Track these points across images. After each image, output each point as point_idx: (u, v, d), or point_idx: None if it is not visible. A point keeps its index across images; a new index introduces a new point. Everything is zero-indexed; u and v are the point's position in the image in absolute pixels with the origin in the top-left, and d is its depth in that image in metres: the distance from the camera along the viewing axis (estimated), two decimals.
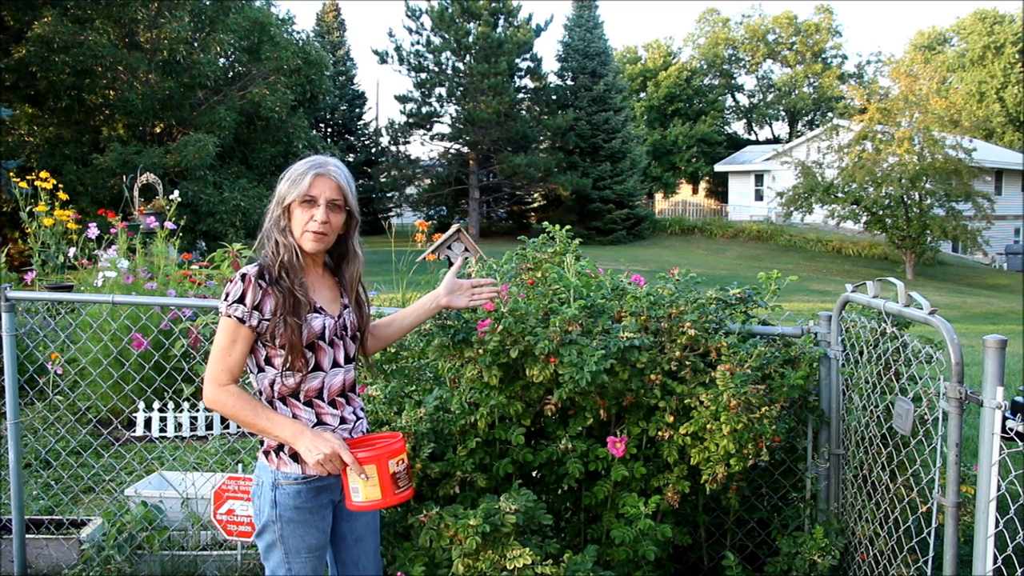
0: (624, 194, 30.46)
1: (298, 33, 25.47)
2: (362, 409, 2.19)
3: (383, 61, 29.71)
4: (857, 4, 76.02)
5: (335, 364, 2.09)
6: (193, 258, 6.72)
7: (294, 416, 2.03)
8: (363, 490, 1.98)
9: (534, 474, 2.71)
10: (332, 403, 2.08)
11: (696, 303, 2.58)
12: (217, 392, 1.96)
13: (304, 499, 2.03)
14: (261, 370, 2.04)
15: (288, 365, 2.00)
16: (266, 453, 2.06)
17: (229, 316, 1.97)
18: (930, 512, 2.24)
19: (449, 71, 29.50)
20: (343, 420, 2.09)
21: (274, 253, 2.03)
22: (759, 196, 34.24)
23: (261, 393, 2.05)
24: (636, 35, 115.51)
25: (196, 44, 20.00)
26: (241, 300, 1.98)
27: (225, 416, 2.04)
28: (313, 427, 2.03)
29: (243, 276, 1.99)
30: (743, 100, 48.85)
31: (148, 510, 3.45)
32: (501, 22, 29.26)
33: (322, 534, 2.09)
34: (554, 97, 31.16)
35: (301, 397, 2.04)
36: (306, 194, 2.03)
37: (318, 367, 2.05)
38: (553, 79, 31.68)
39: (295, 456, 2.01)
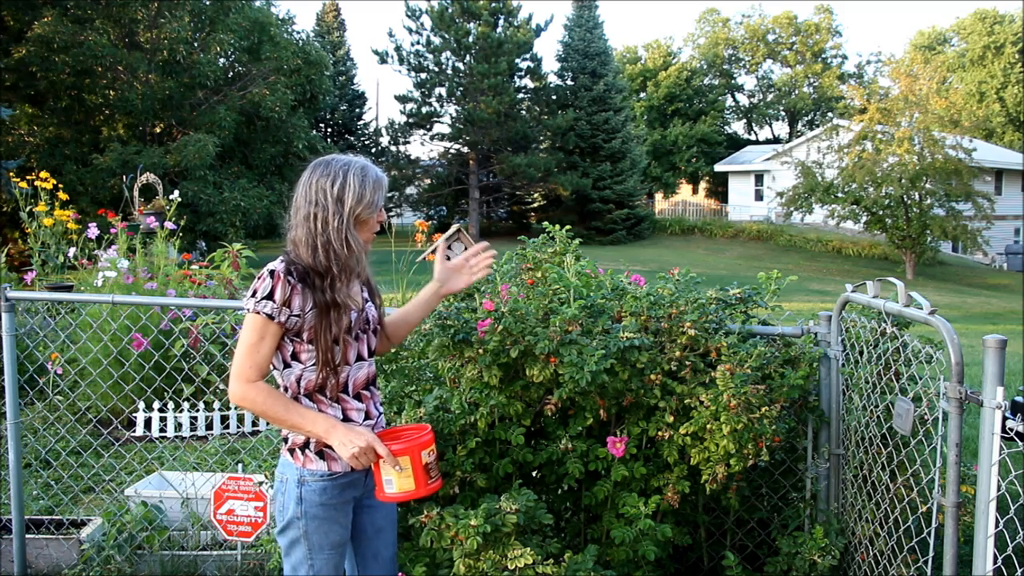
0: (624, 194, 30.46)
1: (298, 33, 25.50)
2: (380, 403, 2.21)
3: (383, 61, 29.70)
4: (857, 4, 76.04)
5: (359, 358, 2.10)
6: (193, 258, 6.73)
7: (320, 412, 2.04)
8: (397, 481, 2.00)
9: (534, 474, 2.71)
10: (357, 396, 2.10)
11: (696, 303, 2.58)
12: (246, 389, 1.95)
13: (330, 496, 2.05)
14: (287, 366, 2.04)
15: (319, 361, 1.99)
16: (291, 451, 2.06)
17: (258, 312, 1.95)
18: (930, 512, 2.24)
19: (449, 71, 29.49)
20: (367, 415, 2.11)
21: (337, 255, 1.99)
22: (759, 196, 34.23)
23: (287, 389, 2.05)
24: (636, 35, 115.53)
25: (196, 44, 20.01)
26: (270, 296, 1.96)
27: (254, 413, 2.04)
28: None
29: (272, 273, 1.97)
30: (743, 100, 48.88)
31: (148, 510, 3.45)
32: (501, 22, 29.26)
33: (344, 530, 2.11)
34: (554, 97, 31.15)
35: (327, 392, 2.04)
36: (382, 203, 2.05)
37: (344, 361, 2.07)
38: (553, 79, 31.67)
39: (321, 453, 2.03)
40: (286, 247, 2.07)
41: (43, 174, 6.77)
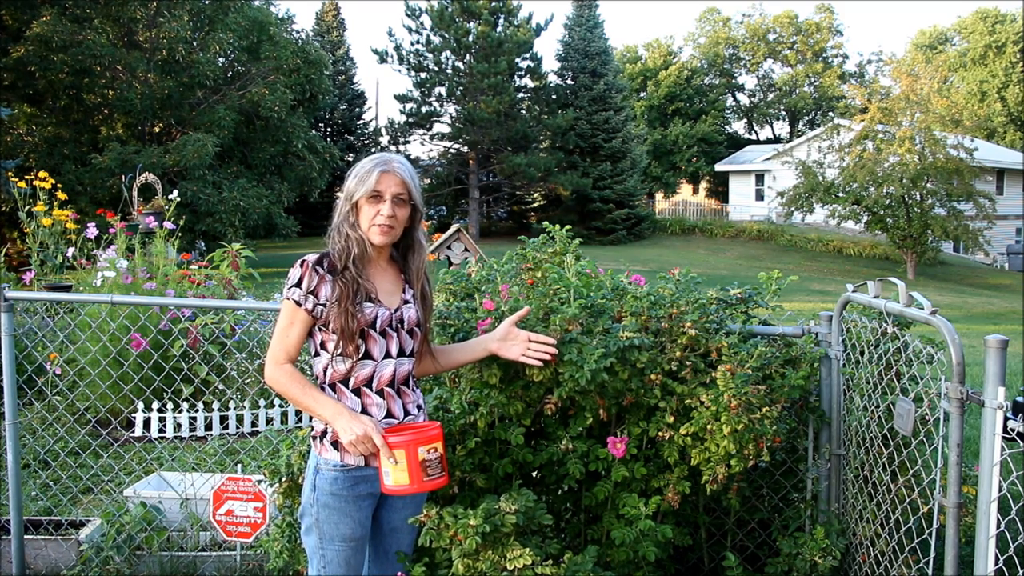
0: (624, 194, 30.43)
1: (297, 32, 25.49)
2: (418, 406, 2.23)
3: (383, 60, 29.68)
4: (858, 3, 76.04)
5: (387, 355, 2.14)
6: (192, 258, 6.72)
7: (338, 401, 2.12)
8: (392, 474, 2.04)
9: (534, 474, 2.70)
10: (380, 393, 2.14)
11: (697, 303, 2.57)
12: (273, 370, 2.11)
13: (340, 487, 2.10)
14: (317, 354, 2.15)
15: (339, 350, 2.09)
16: (313, 438, 2.16)
17: (288, 299, 2.11)
18: (931, 513, 2.23)
19: (449, 71, 29.47)
20: (390, 413, 2.15)
21: (341, 245, 2.12)
22: (760, 196, 34.22)
23: (316, 378, 2.16)
24: (636, 34, 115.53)
25: (195, 43, 20.00)
26: (298, 284, 2.10)
27: (279, 393, 2.19)
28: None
29: (301, 263, 2.12)
30: (743, 100, 48.84)
31: (147, 511, 3.44)
32: (501, 21, 29.23)
33: (358, 525, 2.15)
34: (554, 97, 31.12)
35: (350, 384, 2.12)
36: (373, 190, 2.10)
37: (368, 356, 2.12)
38: (553, 79, 31.64)
39: (335, 443, 2.10)
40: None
41: (42, 174, 6.77)
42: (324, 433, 2.12)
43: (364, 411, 2.12)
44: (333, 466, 2.10)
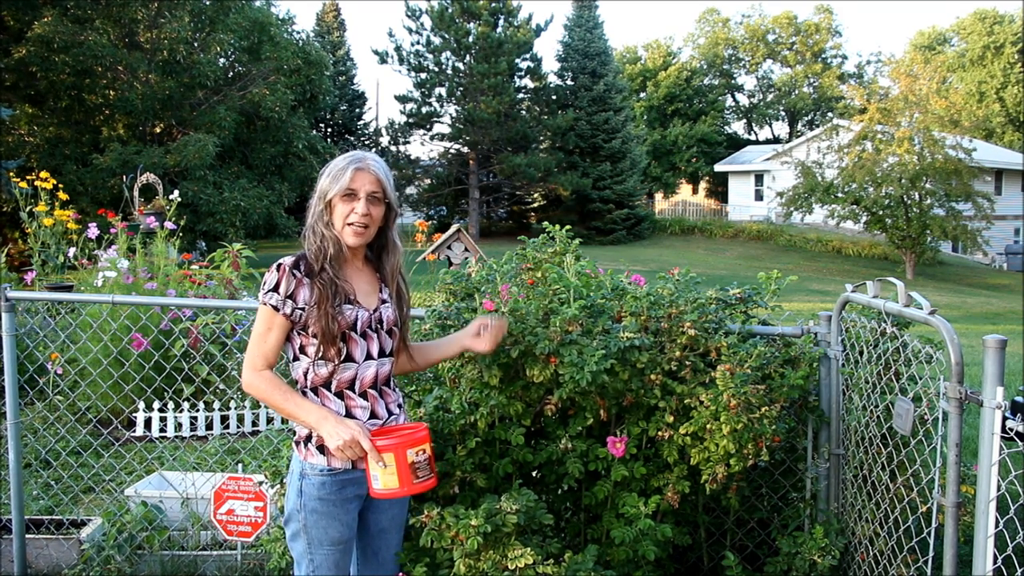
0: (624, 194, 30.44)
1: (298, 33, 25.50)
2: (399, 405, 2.22)
3: (383, 61, 29.69)
4: (857, 4, 76.02)
5: (368, 356, 2.12)
6: (193, 258, 6.73)
7: (322, 405, 2.08)
8: (382, 478, 2.02)
9: (534, 474, 2.71)
10: (363, 395, 2.12)
11: (696, 303, 2.58)
12: (252, 377, 2.05)
13: (328, 491, 2.07)
14: (296, 359, 2.11)
15: (320, 354, 2.05)
16: (297, 443, 2.13)
17: (264, 304, 2.05)
18: (930, 512, 2.24)
19: (449, 71, 29.48)
20: (374, 414, 2.13)
21: (317, 246, 2.08)
22: (759, 196, 34.22)
23: (296, 382, 2.12)
24: (636, 35, 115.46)
25: (196, 44, 20.01)
26: (275, 289, 2.04)
27: (259, 400, 2.16)
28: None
29: (278, 266, 2.06)
30: (743, 100, 48.85)
31: (148, 510, 3.45)
32: (501, 22, 29.24)
33: (346, 528, 2.13)
34: (554, 97, 31.13)
35: (332, 387, 2.09)
36: (347, 188, 2.07)
37: (350, 358, 2.09)
38: (553, 79, 31.65)
39: (321, 448, 2.07)
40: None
41: (43, 174, 6.78)
42: (308, 438, 2.08)
43: (348, 414, 2.09)
44: (320, 471, 2.06)
